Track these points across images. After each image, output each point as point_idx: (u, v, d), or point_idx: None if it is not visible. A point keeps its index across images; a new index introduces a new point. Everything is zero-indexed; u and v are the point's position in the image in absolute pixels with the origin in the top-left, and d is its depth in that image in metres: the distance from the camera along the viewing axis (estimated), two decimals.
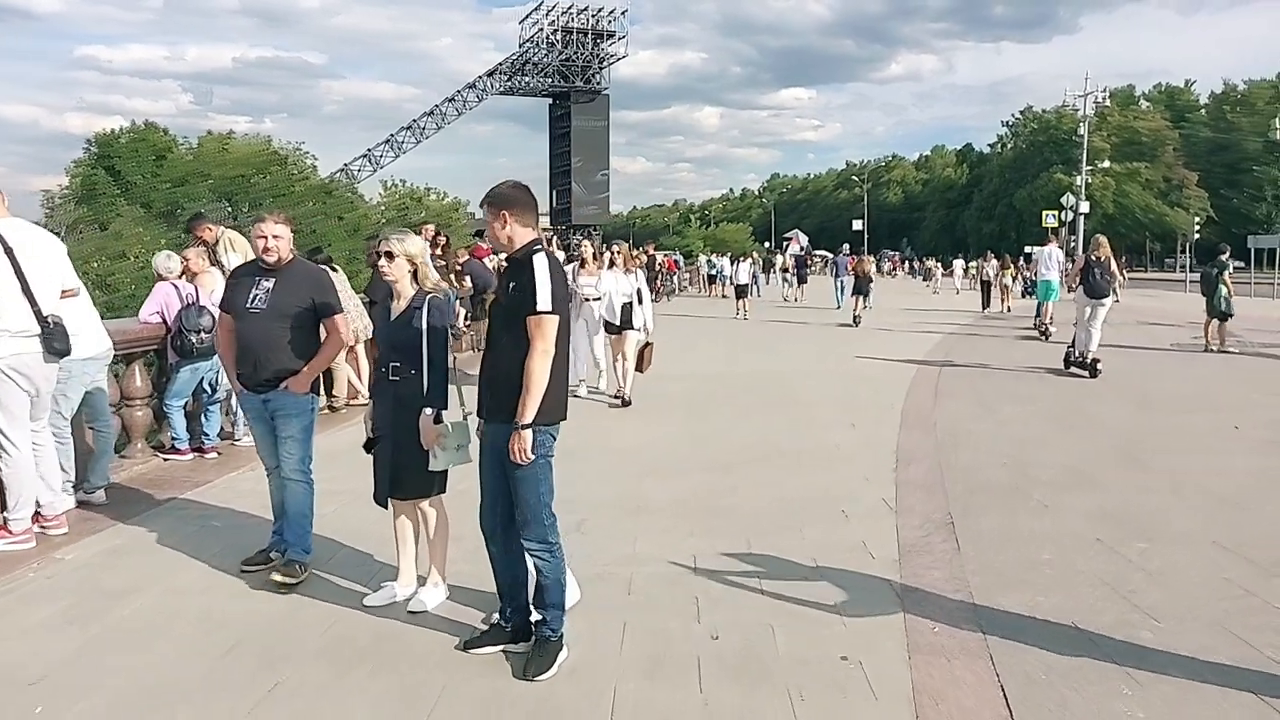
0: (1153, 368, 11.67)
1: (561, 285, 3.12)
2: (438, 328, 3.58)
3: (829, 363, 12.23)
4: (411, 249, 3.65)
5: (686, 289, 34.97)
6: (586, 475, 5.55)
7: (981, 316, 21.84)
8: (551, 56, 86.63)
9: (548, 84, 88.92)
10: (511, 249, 3.19)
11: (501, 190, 3.23)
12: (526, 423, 3.02)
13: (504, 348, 3.15)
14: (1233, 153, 72.18)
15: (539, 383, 3.02)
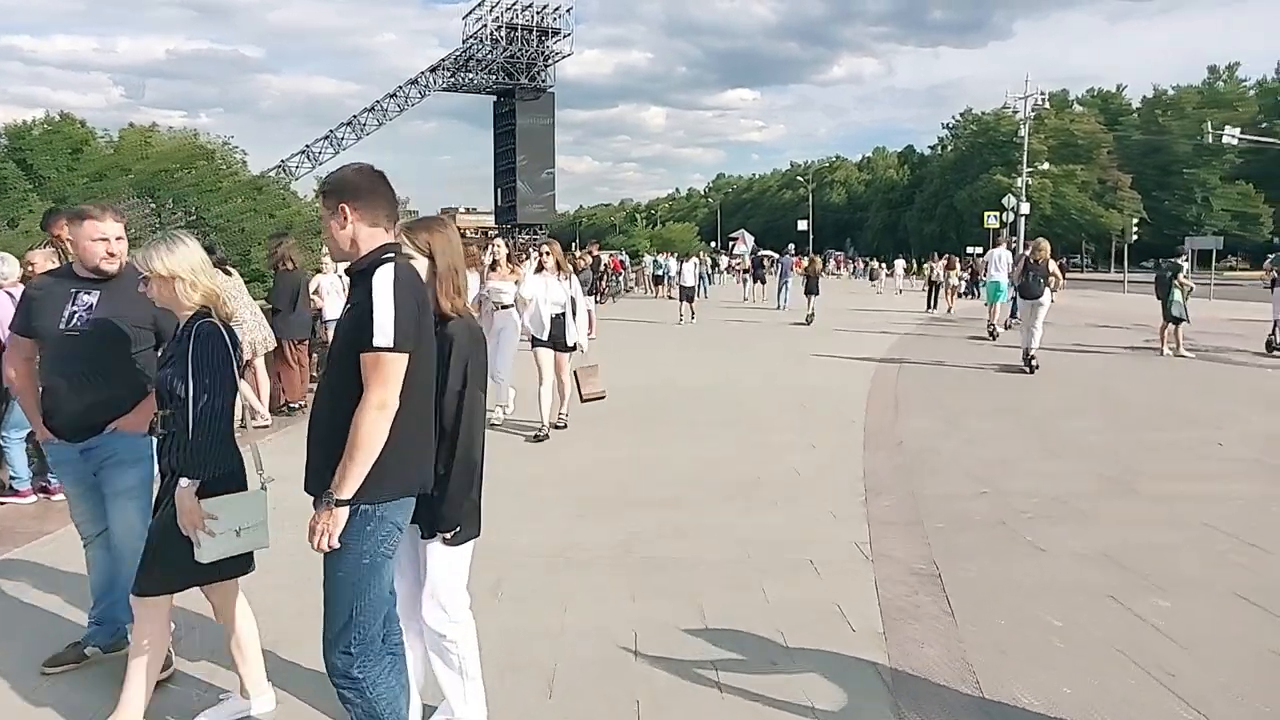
0: (1113, 374, 11.24)
1: (413, 312, 2.23)
2: (205, 365, 2.61)
3: (782, 370, 11.57)
4: (175, 265, 2.66)
5: (633, 290, 34.23)
6: (509, 517, 4.71)
7: (930, 319, 21.51)
8: (496, 53, 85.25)
9: (492, 81, 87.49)
10: (356, 256, 2.31)
11: (342, 175, 2.37)
12: (341, 498, 2.16)
13: (330, 392, 2.31)
14: (1164, 155, 74.19)
15: (366, 445, 2.15)
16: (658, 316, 20.56)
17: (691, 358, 13.00)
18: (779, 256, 34.99)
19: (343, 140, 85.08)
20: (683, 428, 7.72)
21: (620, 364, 12.12)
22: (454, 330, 2.46)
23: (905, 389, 9.95)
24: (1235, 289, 35.49)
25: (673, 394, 9.57)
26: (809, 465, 6.32)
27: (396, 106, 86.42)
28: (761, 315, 22.44)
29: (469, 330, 2.53)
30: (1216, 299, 27.26)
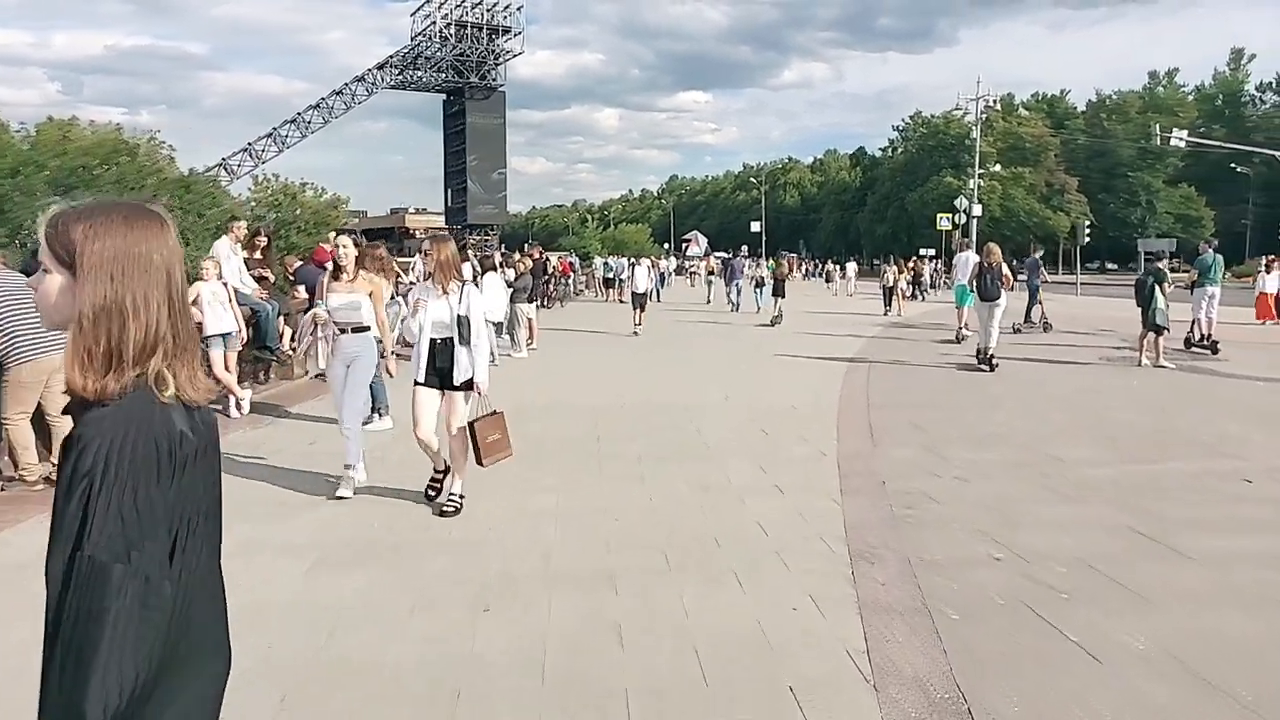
0: (1098, 390, 10.35)
1: None
2: None
3: (743, 385, 10.44)
4: None
5: (583, 293, 32.99)
6: (380, 615, 3.48)
7: (890, 323, 20.66)
8: (445, 51, 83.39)
9: (441, 79, 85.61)
10: None
11: None
12: None
13: None
14: (1109, 159, 75.24)
15: None
16: (609, 324, 19.29)
17: (645, 371, 11.83)
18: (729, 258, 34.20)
19: (287, 138, 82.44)
20: (629, 463, 6.53)
21: (564, 380, 10.96)
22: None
23: (878, 407, 8.91)
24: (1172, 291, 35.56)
25: (621, 418, 8.37)
26: (777, 517, 5.18)
27: (343, 104, 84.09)
28: (723, 319, 21.47)
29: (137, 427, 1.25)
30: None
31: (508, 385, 10.49)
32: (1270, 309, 20.13)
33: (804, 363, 12.93)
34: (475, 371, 5.22)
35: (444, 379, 5.25)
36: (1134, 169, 73.86)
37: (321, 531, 4.94)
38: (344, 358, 5.79)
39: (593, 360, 13.24)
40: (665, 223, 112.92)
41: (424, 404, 5.30)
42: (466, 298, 5.15)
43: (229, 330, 8.04)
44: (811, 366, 12.51)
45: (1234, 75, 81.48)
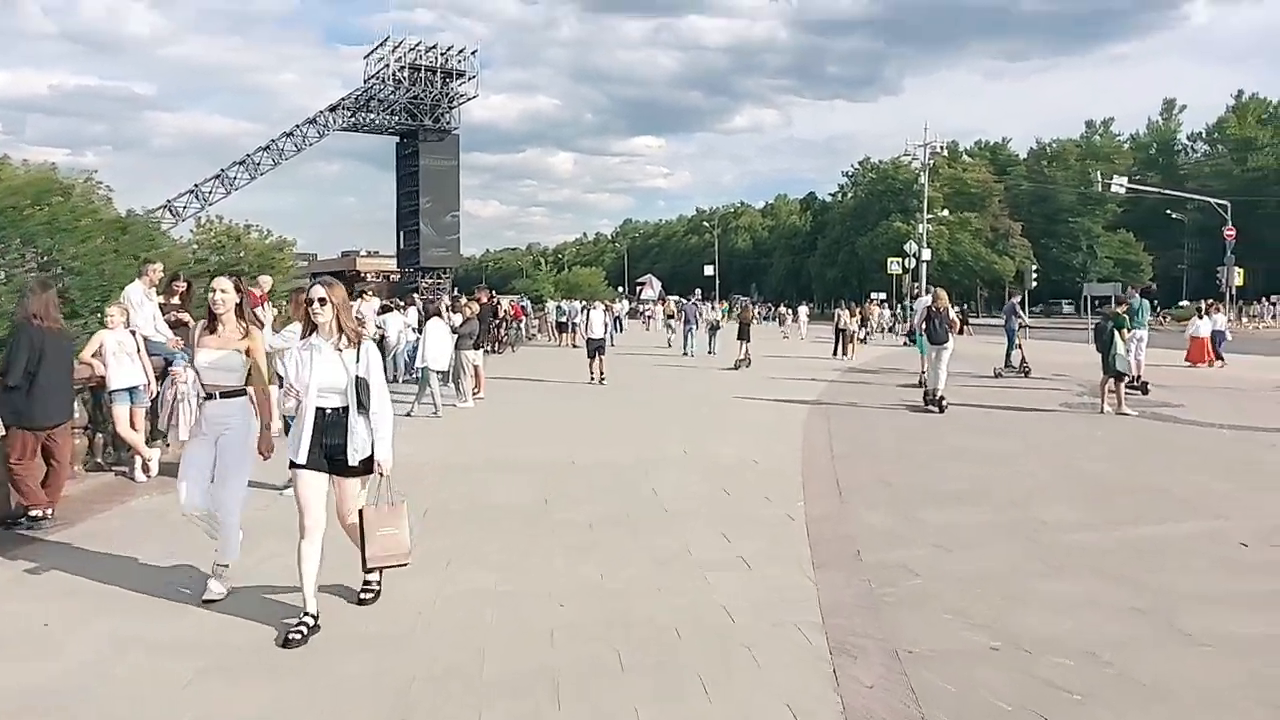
0: (1066, 441, 10.03)
1: None
2: None
3: (702, 437, 9.88)
4: None
5: (535, 337, 32.35)
6: None
7: (845, 368, 20.38)
8: (398, 94, 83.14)
9: (394, 122, 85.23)
10: None
11: None
12: None
13: None
14: (1050, 204, 77.46)
15: None
16: (562, 370, 18.60)
17: (598, 423, 11.22)
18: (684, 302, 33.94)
19: (235, 180, 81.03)
20: (577, 533, 5.91)
21: (512, 434, 10.31)
22: None
23: (843, 460, 8.43)
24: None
25: (572, 477, 7.75)
26: (745, 597, 4.60)
27: (294, 146, 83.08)
28: (680, 364, 21.03)
29: None
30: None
31: (450, 439, 9.85)
32: (1203, 352, 20.50)
33: (763, 410, 12.48)
34: (377, 447, 4.20)
35: (334, 459, 4.16)
36: (1075, 215, 76.12)
37: (216, 628, 4.23)
38: (212, 429, 4.63)
39: (543, 411, 12.62)
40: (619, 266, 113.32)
41: (310, 495, 4.15)
42: (366, 355, 4.18)
43: (136, 384, 7.28)
44: (771, 414, 12.05)
45: (1167, 125, 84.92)
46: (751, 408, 12.81)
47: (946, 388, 12.43)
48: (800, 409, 12.47)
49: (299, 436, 4.14)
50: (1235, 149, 76.03)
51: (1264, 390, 15.42)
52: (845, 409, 12.63)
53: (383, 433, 4.21)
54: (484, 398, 13.31)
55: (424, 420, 11.22)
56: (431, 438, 9.93)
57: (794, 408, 12.61)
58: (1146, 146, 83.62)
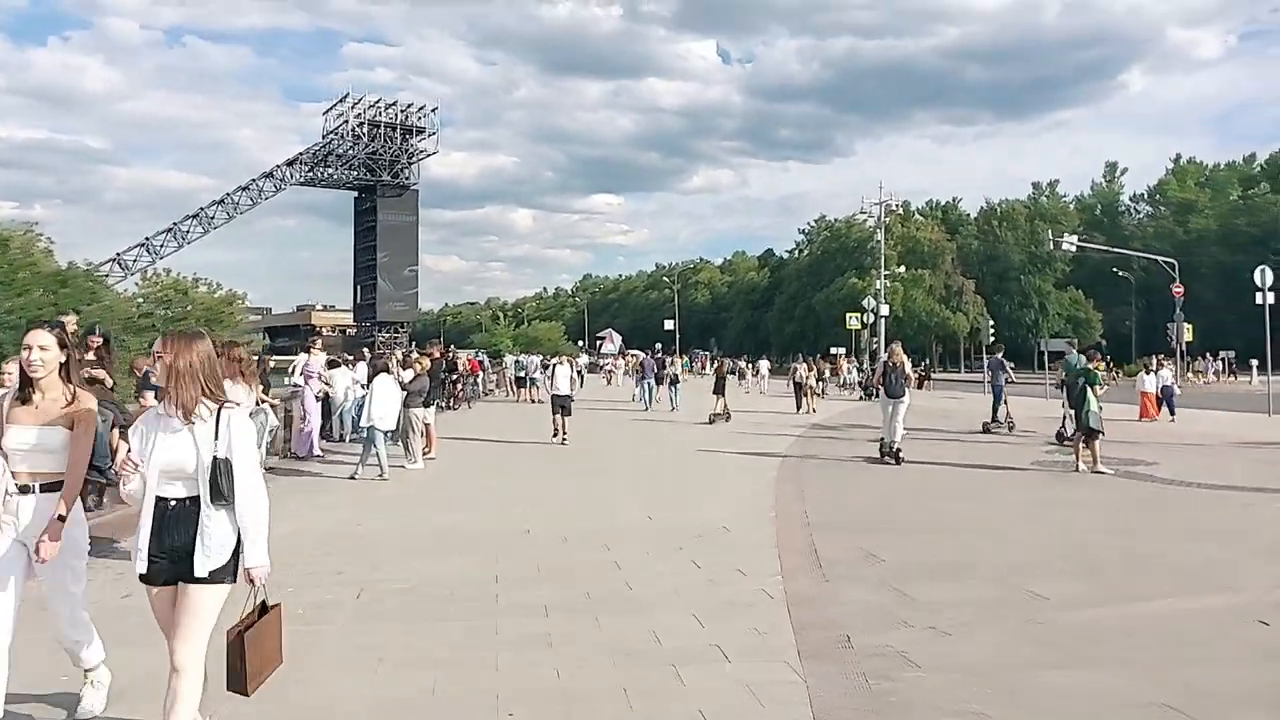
0: (1049, 504, 9.61)
1: None
2: None
3: (665, 502, 9.24)
4: None
5: (493, 392, 31.55)
6: None
7: (809, 424, 19.95)
8: (357, 149, 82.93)
9: (352, 176, 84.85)
10: None
11: None
12: None
13: None
14: (1000, 263, 79.27)
15: None
16: (519, 428, 17.81)
17: (557, 486, 10.47)
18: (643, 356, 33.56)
19: (188, 233, 79.66)
20: (533, 618, 5.22)
21: (463, 499, 9.56)
22: None
23: (819, 527, 7.86)
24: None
25: (527, 550, 7.05)
26: (724, 700, 3.96)
27: (249, 200, 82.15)
28: (643, 418, 20.46)
29: None
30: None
31: (395, 505, 9.09)
32: (1151, 407, 20.70)
33: (730, 470, 11.92)
34: (247, 551, 3.15)
35: (180, 564, 3.08)
36: (1025, 273, 77.91)
37: None
38: (28, 534, 3.42)
39: (498, 472, 11.88)
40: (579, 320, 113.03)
41: (158, 612, 3.18)
42: (228, 429, 3.15)
43: None
44: (739, 472, 11.51)
45: (1110, 187, 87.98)
46: (718, 467, 12.25)
47: (904, 441, 12.21)
48: (768, 468, 11.94)
49: (137, 539, 3.13)
50: (1176, 211, 78.93)
51: (1228, 446, 15.31)
52: (815, 468, 12.13)
53: (254, 531, 3.17)
54: (435, 458, 12.56)
55: (368, 484, 10.44)
56: (375, 504, 9.18)
57: (761, 467, 12.07)
58: (1091, 207, 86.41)
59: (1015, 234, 79.21)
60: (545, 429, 15.39)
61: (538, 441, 15.00)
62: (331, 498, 9.49)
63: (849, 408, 25.81)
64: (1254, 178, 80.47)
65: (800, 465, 12.44)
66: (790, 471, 11.71)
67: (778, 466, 12.29)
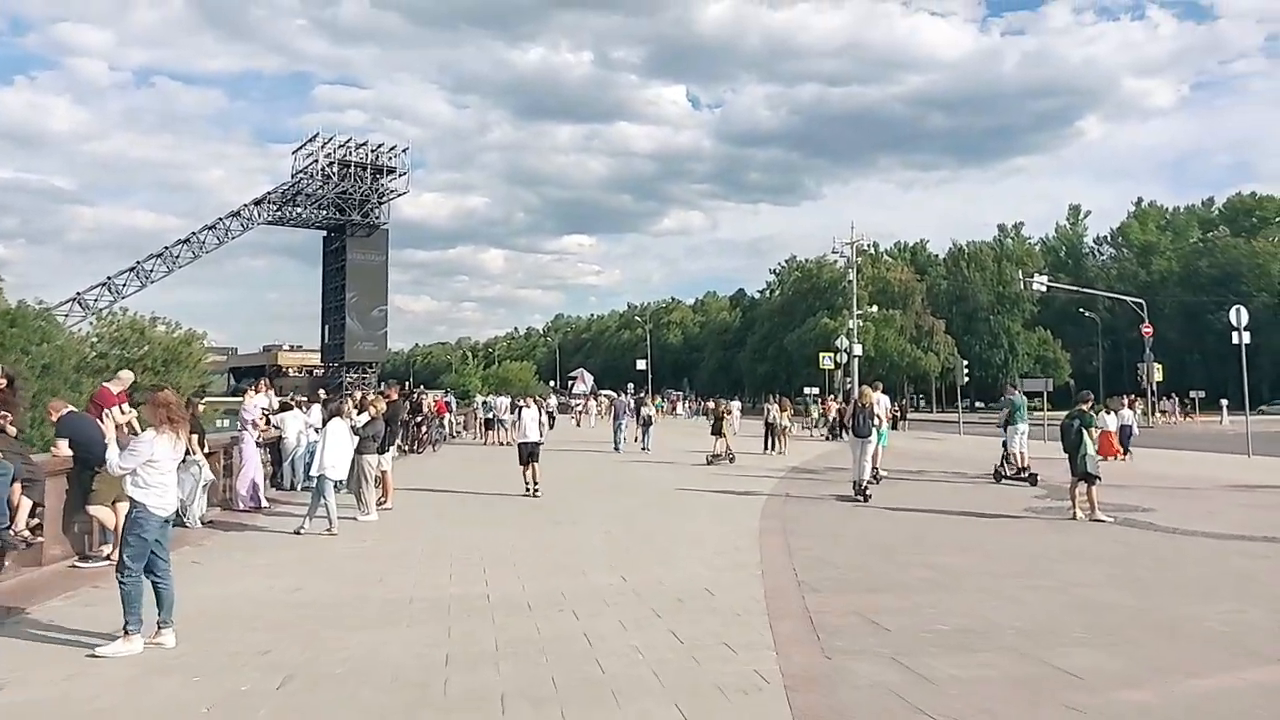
0: (1048, 553, 8.96)
1: None
2: None
3: (640, 560, 8.44)
4: None
5: (460, 435, 30.54)
6: None
7: (789, 467, 19.26)
8: (327, 188, 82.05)
9: (322, 216, 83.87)
10: None
11: None
12: None
13: None
14: (969, 303, 79.94)
15: None
16: (486, 473, 16.90)
17: (524, 540, 9.54)
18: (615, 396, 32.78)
19: (151, 273, 77.91)
20: (486, 712, 4.39)
21: (415, 557, 8.64)
22: None
23: (813, 589, 7.10)
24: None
25: (483, 621, 6.19)
26: None
27: (215, 239, 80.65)
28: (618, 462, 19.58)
29: None
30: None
31: (340, 566, 8.13)
32: (1112, 445, 20.33)
33: (709, 521, 11.13)
34: None
35: None
36: (993, 313, 78.57)
37: None
38: None
39: (459, 524, 10.94)
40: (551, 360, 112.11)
41: None
42: None
43: None
44: (719, 522, 10.75)
45: (1074, 229, 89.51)
46: (696, 516, 11.46)
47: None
48: (749, 516, 11.19)
49: None
50: (1139, 253, 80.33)
51: (1219, 490, 14.83)
52: (799, 514, 11.39)
53: None
54: (391, 508, 11.66)
55: (314, 539, 9.52)
56: (318, 564, 8.27)
57: (742, 515, 11.32)
58: (1056, 250, 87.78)
59: (983, 274, 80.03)
60: (513, 474, 14.09)
61: (503, 492, 13.89)
62: (270, 557, 8.58)
63: (822, 449, 25.21)
64: (1213, 221, 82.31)
65: (783, 511, 11.72)
66: (774, 520, 10.97)
67: (759, 514, 11.55)
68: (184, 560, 8.11)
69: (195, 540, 9.29)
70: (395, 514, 11.31)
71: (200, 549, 8.84)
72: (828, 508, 12.31)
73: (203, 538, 9.48)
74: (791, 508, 12.22)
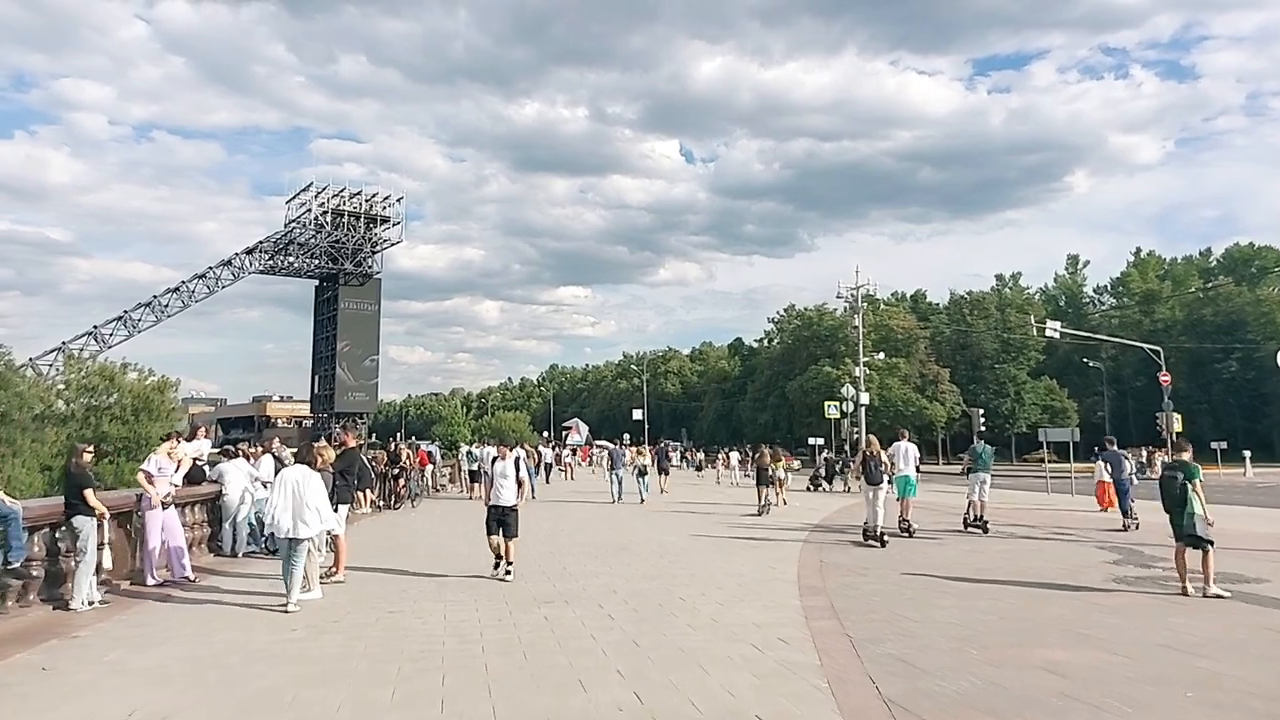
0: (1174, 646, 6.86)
1: None
2: None
3: (653, 664, 6.26)
4: None
5: (444, 488, 28.25)
6: None
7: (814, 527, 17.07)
8: (320, 238, 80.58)
9: (314, 265, 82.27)
10: None
11: None
12: None
13: None
14: (973, 351, 78.25)
15: None
16: (462, 537, 14.56)
17: (507, 636, 7.23)
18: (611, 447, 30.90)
19: (139, 322, 75.80)
20: None
21: (355, 665, 6.12)
22: None
23: (911, 709, 5.00)
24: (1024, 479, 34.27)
25: None
26: None
27: (205, 288, 78.82)
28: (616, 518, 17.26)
29: None
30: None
31: (239, 677, 5.63)
32: (1109, 497, 19.10)
33: (735, 590, 9.00)
34: None
35: None
36: (998, 362, 76.86)
37: None
38: None
39: (421, 604, 8.63)
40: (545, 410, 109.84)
41: None
42: None
43: None
44: (747, 599, 8.58)
45: (1073, 279, 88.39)
46: (719, 592, 9.22)
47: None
48: (785, 592, 9.04)
49: None
50: (1141, 301, 79.04)
51: None
52: (845, 591, 9.20)
53: None
54: (343, 581, 9.49)
55: (231, 626, 7.34)
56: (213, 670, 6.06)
57: (776, 591, 9.16)
58: (1056, 299, 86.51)
59: (987, 322, 78.53)
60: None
61: (482, 557, 10.81)
62: (158, 656, 6.38)
63: (846, 503, 22.99)
64: (1212, 270, 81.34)
65: (824, 584, 9.57)
66: (817, 597, 8.82)
67: (795, 586, 9.43)
68: (31, 665, 5.96)
69: (75, 628, 7.16)
70: (344, 590, 9.08)
71: (64, 644, 6.67)
72: (875, 579, 10.15)
73: (85, 625, 7.32)
74: (832, 579, 10.07)
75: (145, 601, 8.47)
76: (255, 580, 9.68)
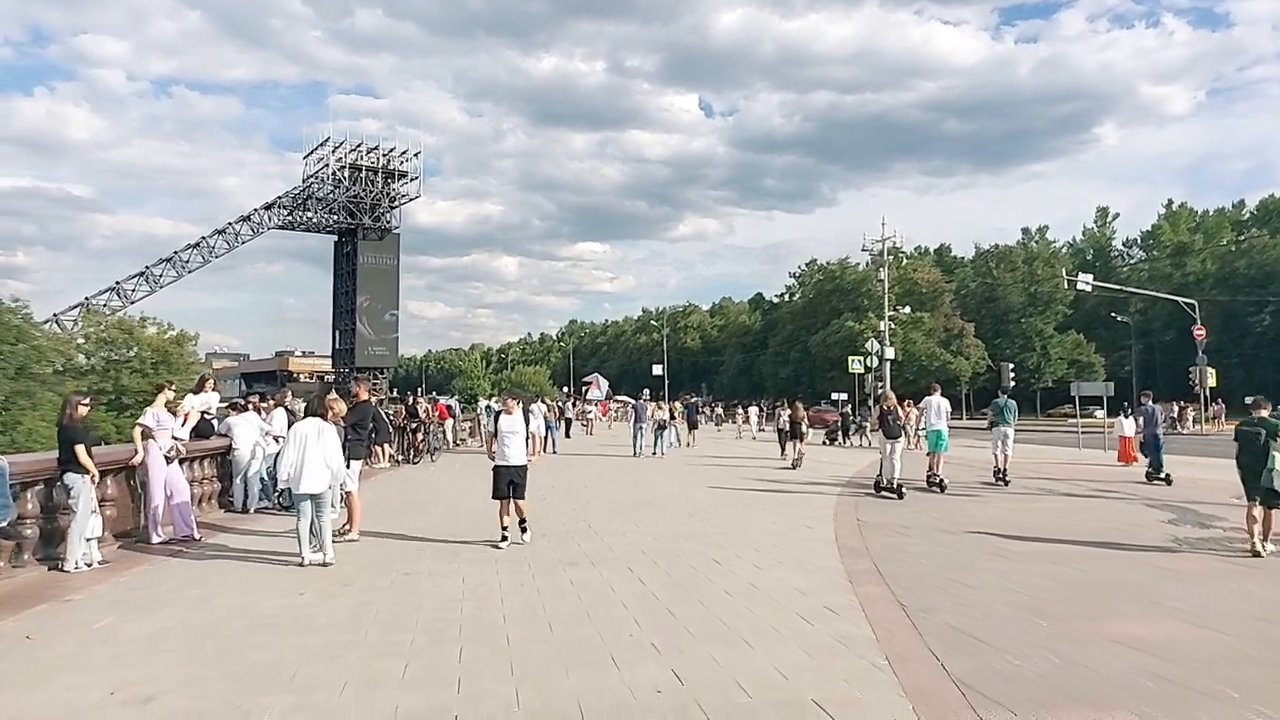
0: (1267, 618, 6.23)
1: None
2: None
3: (702, 634, 5.73)
4: None
5: (465, 442, 27.91)
6: None
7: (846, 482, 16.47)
8: (338, 193, 79.91)
9: (333, 220, 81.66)
10: None
11: None
12: None
13: None
14: (999, 305, 76.74)
15: None
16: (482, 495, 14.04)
17: (531, 604, 6.72)
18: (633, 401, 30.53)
19: (161, 277, 75.87)
20: None
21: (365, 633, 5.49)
22: None
23: (983, 691, 4.42)
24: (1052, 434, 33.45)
25: None
26: None
27: (225, 244, 78.68)
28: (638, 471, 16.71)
29: None
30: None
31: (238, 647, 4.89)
32: (1130, 452, 19.60)
33: (772, 552, 8.43)
34: None
35: None
36: (1024, 316, 75.39)
37: None
38: None
39: (439, 565, 8.16)
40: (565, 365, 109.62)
41: None
42: None
43: None
44: (786, 561, 8.00)
45: (1102, 231, 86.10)
46: (755, 553, 8.64)
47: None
48: (826, 554, 8.47)
49: None
50: (1171, 254, 76.94)
51: None
52: (890, 554, 8.59)
53: None
54: (356, 540, 9.02)
55: (237, 589, 6.88)
56: (209, 640, 5.58)
57: (815, 553, 8.58)
58: (1084, 252, 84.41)
59: (1013, 275, 76.88)
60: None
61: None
62: (154, 623, 5.91)
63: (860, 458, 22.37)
64: (1245, 222, 78.87)
65: (868, 546, 8.98)
66: (860, 559, 8.24)
67: (835, 547, 8.86)
68: (15, 634, 5.51)
69: (69, 591, 6.71)
70: (358, 550, 8.61)
71: (55, 609, 6.21)
72: (920, 539, 9.56)
73: (80, 587, 6.88)
74: (873, 539, 9.48)
75: (148, 561, 8.02)
76: (265, 538, 9.24)
